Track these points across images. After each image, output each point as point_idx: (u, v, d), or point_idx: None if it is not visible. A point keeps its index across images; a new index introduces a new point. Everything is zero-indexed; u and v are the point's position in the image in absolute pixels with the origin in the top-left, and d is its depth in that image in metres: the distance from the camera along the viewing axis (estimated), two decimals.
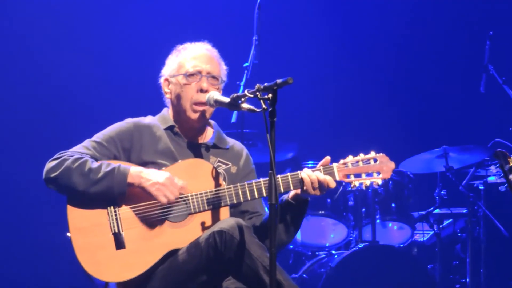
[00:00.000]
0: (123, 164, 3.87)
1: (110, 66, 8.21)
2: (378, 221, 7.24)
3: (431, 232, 7.65)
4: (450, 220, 7.80)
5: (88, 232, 3.82)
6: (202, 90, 4.04)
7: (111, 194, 3.81)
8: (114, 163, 3.86)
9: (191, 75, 4.07)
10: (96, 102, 8.07)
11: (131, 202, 3.86)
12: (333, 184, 3.87)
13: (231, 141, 4.26)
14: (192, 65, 4.09)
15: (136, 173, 3.83)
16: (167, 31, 7.81)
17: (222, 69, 4.17)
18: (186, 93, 4.06)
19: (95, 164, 3.83)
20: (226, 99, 3.82)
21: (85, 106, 8.08)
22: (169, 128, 4.11)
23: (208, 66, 4.09)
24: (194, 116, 4.06)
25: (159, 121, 4.13)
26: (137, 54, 8.16)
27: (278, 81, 3.47)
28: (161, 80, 4.19)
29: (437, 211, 7.53)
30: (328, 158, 3.95)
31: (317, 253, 7.38)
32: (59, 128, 7.88)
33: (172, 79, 4.13)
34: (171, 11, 8.50)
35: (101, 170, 3.81)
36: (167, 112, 4.18)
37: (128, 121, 4.09)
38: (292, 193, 3.96)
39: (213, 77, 4.09)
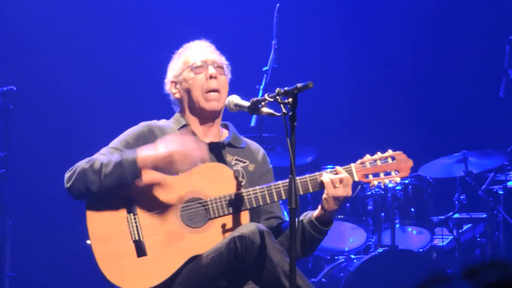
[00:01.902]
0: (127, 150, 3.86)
1: (124, 75, 8.24)
2: (397, 225, 7.22)
3: (451, 237, 7.62)
4: (470, 225, 7.76)
5: (108, 240, 3.81)
6: (211, 77, 4.04)
7: (126, 180, 3.77)
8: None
9: (198, 66, 4.08)
10: (112, 113, 8.10)
11: (150, 209, 3.84)
12: (350, 181, 3.81)
13: (247, 141, 4.24)
14: (196, 57, 4.11)
15: (145, 152, 3.78)
16: (186, 36, 7.80)
17: (224, 60, 4.17)
18: (196, 84, 4.05)
19: (105, 160, 3.82)
20: (246, 103, 3.78)
21: (102, 117, 8.10)
22: (183, 128, 4.10)
23: (212, 55, 4.12)
24: (208, 105, 4.04)
25: (172, 123, 4.13)
26: (151, 62, 8.16)
27: (299, 85, 3.45)
28: (168, 86, 4.19)
29: (456, 216, 7.48)
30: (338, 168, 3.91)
31: (336, 257, 7.37)
32: (78, 139, 7.90)
33: (178, 78, 4.13)
34: (190, 15, 8.51)
35: (111, 161, 3.78)
36: (179, 115, 4.17)
37: (142, 124, 4.09)
38: (316, 212, 3.90)
39: (219, 66, 4.11)
